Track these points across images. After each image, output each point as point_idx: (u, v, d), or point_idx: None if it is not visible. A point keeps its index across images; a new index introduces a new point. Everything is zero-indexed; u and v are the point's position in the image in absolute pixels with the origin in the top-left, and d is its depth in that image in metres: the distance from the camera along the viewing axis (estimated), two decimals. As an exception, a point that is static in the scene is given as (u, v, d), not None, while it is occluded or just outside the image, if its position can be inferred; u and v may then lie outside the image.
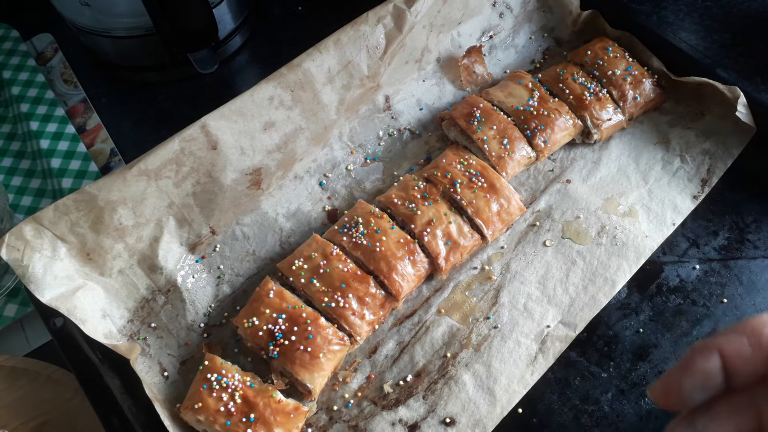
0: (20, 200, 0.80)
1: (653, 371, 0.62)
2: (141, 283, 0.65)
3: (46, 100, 0.86)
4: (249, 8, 0.89)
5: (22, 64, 0.90)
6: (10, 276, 0.72)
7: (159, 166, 0.63)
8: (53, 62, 0.92)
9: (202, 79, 0.82)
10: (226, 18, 0.85)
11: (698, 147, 0.73)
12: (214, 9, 0.77)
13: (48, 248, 0.61)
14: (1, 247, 0.59)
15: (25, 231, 0.60)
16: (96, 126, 0.85)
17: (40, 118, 0.84)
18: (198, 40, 0.77)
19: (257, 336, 0.61)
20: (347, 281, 0.63)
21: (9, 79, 0.89)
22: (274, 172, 0.70)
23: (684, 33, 0.87)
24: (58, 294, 0.60)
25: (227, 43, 0.88)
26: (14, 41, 0.93)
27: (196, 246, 0.68)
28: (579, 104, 0.74)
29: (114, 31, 0.80)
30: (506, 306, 0.66)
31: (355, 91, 0.72)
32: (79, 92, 0.88)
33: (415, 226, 0.67)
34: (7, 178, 0.82)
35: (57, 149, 0.81)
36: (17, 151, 0.85)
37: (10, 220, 0.71)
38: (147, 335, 0.65)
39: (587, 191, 0.72)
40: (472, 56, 0.79)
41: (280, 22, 0.93)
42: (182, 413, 0.58)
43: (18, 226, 0.60)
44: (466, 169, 0.69)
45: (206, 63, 0.78)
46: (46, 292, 0.60)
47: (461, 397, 0.61)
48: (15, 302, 0.70)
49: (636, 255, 0.67)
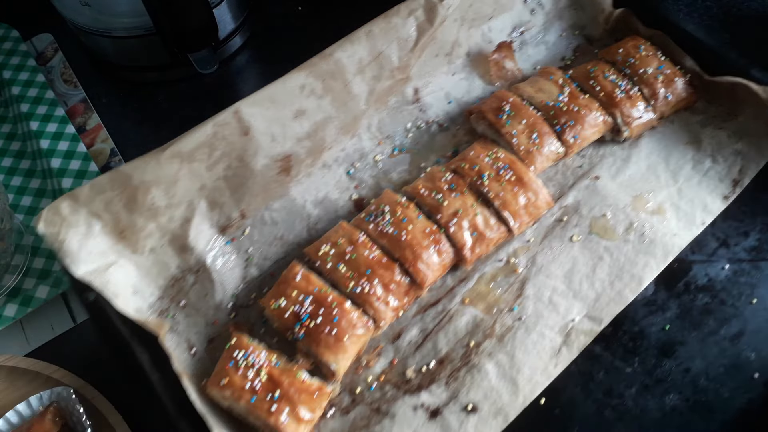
0: (20, 200, 0.80)
1: (679, 368, 0.62)
2: (171, 262, 0.67)
3: (46, 100, 0.86)
4: (249, 8, 0.89)
5: (22, 64, 0.90)
6: (10, 276, 0.72)
7: (192, 149, 0.64)
8: (53, 62, 0.92)
9: (202, 79, 0.82)
10: (226, 18, 0.84)
11: (730, 147, 0.73)
12: (214, 9, 0.77)
13: (83, 225, 0.62)
14: (39, 222, 0.61)
15: (62, 207, 0.61)
16: (96, 126, 0.85)
17: (40, 118, 0.84)
18: (198, 40, 0.77)
19: (284, 317, 0.62)
20: (373, 267, 0.64)
21: (9, 79, 0.88)
22: (303, 159, 0.71)
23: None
24: (91, 269, 0.62)
25: (227, 43, 0.88)
26: (14, 41, 0.93)
27: (226, 228, 0.69)
28: (609, 101, 0.74)
29: (114, 31, 0.80)
30: (531, 298, 0.66)
31: (385, 83, 0.73)
32: (79, 92, 0.88)
33: (441, 217, 0.67)
34: (7, 178, 0.82)
35: (57, 149, 0.81)
36: (17, 151, 0.85)
37: (10, 220, 0.71)
38: (176, 313, 0.66)
39: (616, 188, 0.72)
40: (502, 51, 0.80)
41: (280, 22, 0.93)
42: (208, 389, 0.60)
43: (55, 202, 0.62)
44: (494, 162, 0.70)
45: (206, 63, 0.78)
46: (80, 266, 0.61)
47: (483, 385, 0.61)
48: (15, 302, 0.70)
49: (664, 253, 0.67)
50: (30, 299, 0.70)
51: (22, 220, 0.78)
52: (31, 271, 0.74)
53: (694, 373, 0.61)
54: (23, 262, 0.74)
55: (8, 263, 0.72)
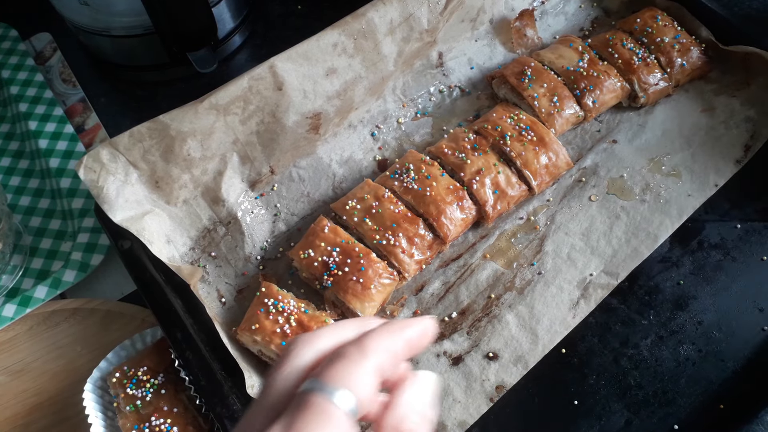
0: (18, 200, 0.80)
1: (692, 321, 0.64)
2: (204, 214, 0.69)
3: (44, 99, 0.85)
4: (249, 7, 0.89)
5: (20, 64, 0.89)
6: (10, 276, 0.73)
7: (228, 102, 0.66)
8: (52, 61, 0.91)
9: (201, 79, 0.81)
10: (226, 17, 0.84)
11: (742, 114, 0.75)
12: (214, 8, 0.77)
13: (121, 173, 0.64)
14: (80, 168, 0.63)
15: (101, 154, 0.63)
16: (95, 125, 0.84)
17: (38, 117, 0.83)
18: (197, 40, 0.77)
19: (312, 266, 0.64)
20: (398, 221, 0.66)
21: (7, 79, 0.88)
22: (332, 118, 0.73)
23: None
24: (128, 216, 0.64)
25: (227, 42, 0.87)
26: (13, 40, 0.92)
27: (256, 183, 0.72)
28: (627, 68, 0.76)
29: (113, 30, 0.79)
30: (550, 254, 0.68)
31: (413, 45, 0.75)
32: (77, 92, 0.88)
33: (464, 174, 0.69)
34: (6, 177, 0.82)
35: (55, 149, 0.80)
36: (16, 150, 0.84)
37: (9, 220, 0.71)
38: (207, 263, 0.68)
39: (632, 152, 0.74)
40: (524, 19, 0.82)
41: (280, 21, 0.93)
42: (239, 334, 0.62)
43: (96, 149, 0.64)
44: (516, 123, 0.72)
45: (206, 62, 0.78)
46: (118, 213, 0.64)
47: (504, 334, 0.63)
48: (14, 302, 0.69)
49: (678, 212, 0.69)
50: (28, 299, 0.69)
51: (20, 220, 0.77)
52: (30, 271, 0.74)
53: (707, 326, 0.64)
54: (22, 262, 0.74)
55: (6, 263, 0.72)
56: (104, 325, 0.69)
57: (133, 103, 0.87)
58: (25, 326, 0.69)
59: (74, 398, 0.64)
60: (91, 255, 0.72)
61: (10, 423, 0.65)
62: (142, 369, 0.62)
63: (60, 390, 0.66)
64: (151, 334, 0.66)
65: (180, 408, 0.61)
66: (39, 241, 0.76)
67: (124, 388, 0.61)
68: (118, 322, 0.69)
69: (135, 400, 0.60)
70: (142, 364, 0.62)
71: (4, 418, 0.65)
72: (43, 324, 0.69)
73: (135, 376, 0.61)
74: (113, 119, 0.85)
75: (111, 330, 0.68)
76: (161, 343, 0.64)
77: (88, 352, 0.68)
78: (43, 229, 0.77)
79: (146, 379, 0.61)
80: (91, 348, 0.68)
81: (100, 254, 0.72)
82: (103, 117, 0.86)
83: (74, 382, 0.65)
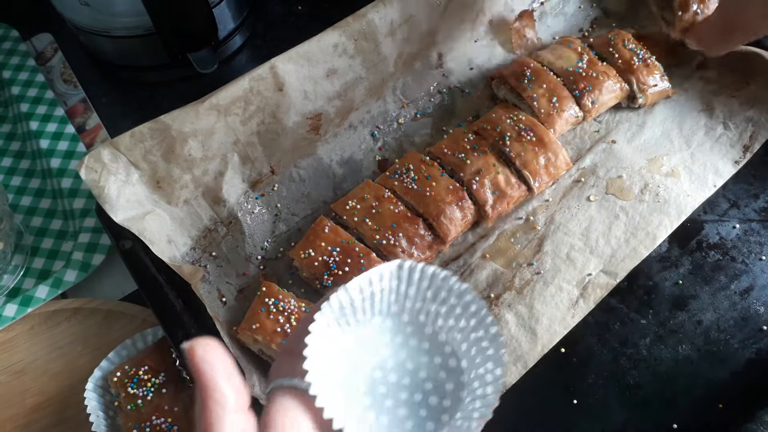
0: (20, 200, 0.80)
1: (691, 320, 0.64)
2: (205, 214, 0.69)
3: (45, 99, 0.85)
4: (249, 8, 0.89)
5: (21, 64, 0.89)
6: (10, 276, 0.73)
7: (229, 103, 0.66)
8: (53, 62, 0.91)
9: (202, 79, 0.80)
10: (226, 17, 0.84)
11: (742, 114, 0.75)
12: (214, 8, 0.77)
13: (122, 173, 0.65)
14: (81, 168, 0.63)
15: (103, 154, 0.64)
16: (96, 126, 0.84)
17: (39, 117, 0.83)
18: (198, 40, 0.77)
19: (313, 266, 0.65)
20: (398, 221, 0.67)
21: (9, 79, 0.88)
22: (332, 119, 0.74)
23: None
24: (129, 216, 0.64)
25: (227, 42, 0.87)
26: (14, 41, 0.92)
27: (257, 183, 0.72)
28: (627, 68, 0.76)
29: (114, 30, 0.79)
30: (549, 254, 0.68)
31: (413, 46, 0.75)
32: (78, 92, 0.88)
33: (464, 175, 0.70)
34: (7, 177, 0.82)
35: (57, 149, 0.80)
36: (17, 150, 0.84)
37: (10, 220, 0.71)
38: (208, 263, 0.68)
39: (631, 151, 0.74)
40: (523, 20, 0.82)
41: (280, 21, 0.93)
42: (240, 334, 0.62)
43: (97, 149, 0.64)
44: (515, 123, 0.72)
45: (206, 63, 0.78)
46: (119, 213, 0.64)
47: (503, 333, 0.63)
48: (15, 302, 0.69)
49: (677, 212, 0.69)
50: (30, 299, 0.69)
51: (21, 220, 0.78)
52: (31, 271, 0.74)
53: (706, 325, 0.64)
54: (23, 262, 0.74)
55: (8, 263, 0.72)
56: (105, 324, 0.69)
57: (134, 104, 0.88)
58: (26, 326, 0.69)
59: (75, 398, 0.64)
60: (92, 255, 0.72)
61: (11, 422, 0.65)
62: (143, 368, 0.62)
63: (61, 389, 0.66)
64: (152, 333, 0.66)
65: (181, 407, 0.61)
66: (40, 241, 0.76)
67: (125, 388, 0.61)
68: (119, 321, 0.69)
69: (136, 399, 0.61)
70: (143, 364, 0.62)
71: (6, 417, 0.65)
72: (44, 324, 0.69)
73: (136, 376, 0.62)
74: (114, 119, 0.86)
75: (112, 330, 0.69)
76: (162, 343, 0.64)
77: (89, 352, 0.68)
78: (45, 229, 0.77)
79: (147, 379, 0.62)
80: (92, 348, 0.68)
81: (101, 254, 0.72)
82: (104, 117, 0.86)
83: (75, 382, 0.66)
